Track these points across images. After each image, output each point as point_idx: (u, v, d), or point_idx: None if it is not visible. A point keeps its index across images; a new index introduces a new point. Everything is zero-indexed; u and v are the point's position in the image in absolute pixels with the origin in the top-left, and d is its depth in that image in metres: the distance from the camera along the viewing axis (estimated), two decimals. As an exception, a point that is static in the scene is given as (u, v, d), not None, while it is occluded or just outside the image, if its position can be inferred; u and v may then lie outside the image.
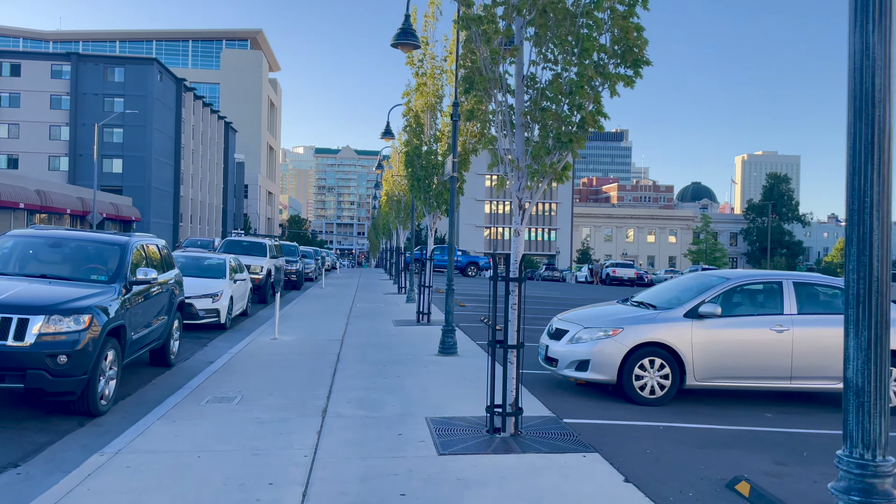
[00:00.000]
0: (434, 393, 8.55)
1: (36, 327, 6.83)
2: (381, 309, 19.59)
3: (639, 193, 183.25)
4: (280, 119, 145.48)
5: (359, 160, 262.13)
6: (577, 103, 6.29)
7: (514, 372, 6.65)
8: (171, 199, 77.08)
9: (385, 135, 21.01)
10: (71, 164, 68.49)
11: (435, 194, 15.51)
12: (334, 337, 13.46)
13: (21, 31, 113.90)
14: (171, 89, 75.09)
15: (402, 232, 27.90)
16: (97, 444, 6.44)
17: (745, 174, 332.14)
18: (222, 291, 14.81)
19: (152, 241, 10.33)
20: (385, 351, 11.87)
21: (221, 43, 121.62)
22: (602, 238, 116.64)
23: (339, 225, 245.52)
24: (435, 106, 15.47)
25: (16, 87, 68.31)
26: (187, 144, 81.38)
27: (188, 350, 12.24)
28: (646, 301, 9.16)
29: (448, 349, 11.33)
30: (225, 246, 23.28)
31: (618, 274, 50.86)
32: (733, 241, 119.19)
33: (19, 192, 41.02)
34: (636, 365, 8.19)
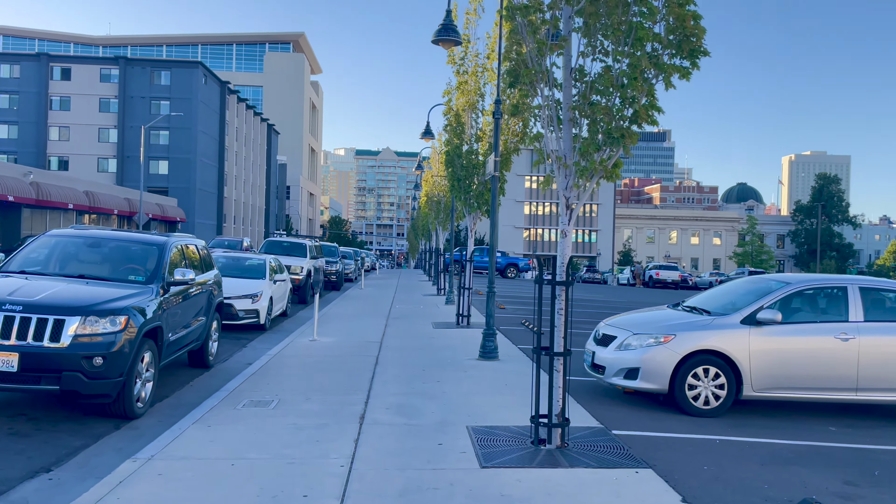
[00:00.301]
0: (475, 400, 8.24)
1: (72, 328, 6.73)
2: (420, 311, 19.37)
3: (682, 194, 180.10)
4: (321, 121, 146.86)
5: (399, 161, 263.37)
6: (630, 96, 5.92)
7: (561, 380, 6.31)
8: (216, 200, 78.30)
9: (425, 135, 20.78)
10: (119, 165, 70.07)
11: (475, 194, 15.20)
12: (373, 339, 13.26)
13: (72, 36, 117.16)
14: (215, 92, 76.28)
15: (442, 233, 27.66)
16: (131, 448, 6.30)
17: (793, 175, 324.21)
18: (262, 292, 14.74)
19: (191, 241, 10.24)
20: (424, 354, 11.60)
21: (264, 46, 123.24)
22: (644, 240, 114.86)
23: (378, 226, 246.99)
24: (476, 105, 15.17)
25: (67, 91, 70.17)
26: (231, 146, 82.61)
27: (227, 351, 12.16)
28: (699, 306, 8.71)
29: (489, 353, 11.02)
30: (265, 246, 23.34)
31: (661, 276, 49.79)
32: (780, 243, 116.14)
33: (68, 193, 41.99)
34: (689, 374, 7.76)
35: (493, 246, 11.16)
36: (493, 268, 11.28)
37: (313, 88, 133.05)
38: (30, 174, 38.97)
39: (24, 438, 6.53)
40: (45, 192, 39.06)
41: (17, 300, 6.80)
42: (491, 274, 11.31)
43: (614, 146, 6.10)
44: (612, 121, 6.06)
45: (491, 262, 11.25)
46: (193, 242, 10.30)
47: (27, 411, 7.46)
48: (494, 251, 11.18)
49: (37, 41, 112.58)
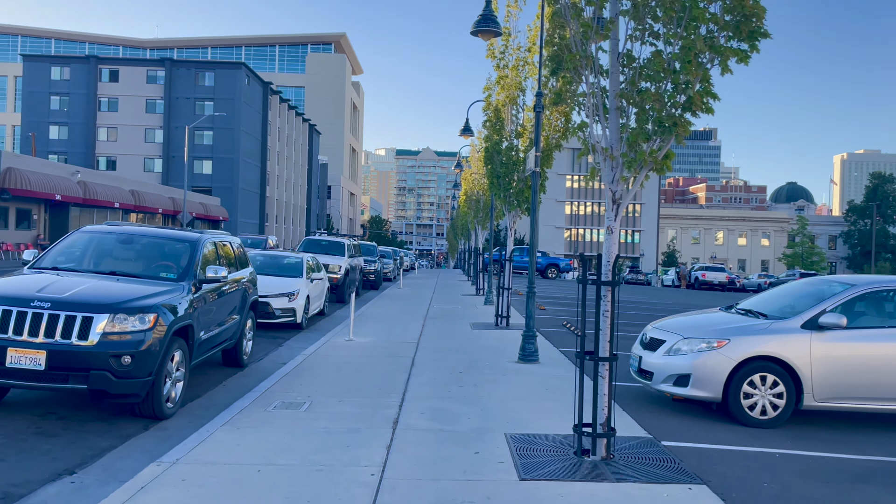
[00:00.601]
0: (514, 405, 7.86)
1: (100, 326, 6.57)
2: (459, 311, 19.03)
3: (728, 194, 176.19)
4: (362, 121, 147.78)
5: (438, 161, 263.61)
6: (683, 82, 5.47)
7: (606, 387, 5.90)
8: (258, 200, 79.29)
9: (464, 132, 20.44)
10: (164, 165, 71.44)
11: (515, 192, 14.79)
12: (410, 339, 12.97)
13: (120, 39, 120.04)
14: (257, 92, 77.22)
15: (481, 232, 27.28)
16: (158, 450, 6.10)
17: (845, 174, 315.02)
18: (299, 291, 14.58)
19: (226, 238, 10.08)
20: (462, 356, 11.26)
21: (307, 47, 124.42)
22: (689, 240, 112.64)
23: (418, 226, 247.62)
24: (516, 100, 14.76)
25: (114, 93, 71.83)
26: (273, 146, 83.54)
27: (262, 350, 12.00)
28: (754, 309, 8.17)
29: (529, 356, 10.62)
30: (304, 245, 23.29)
31: (707, 278, 48.53)
32: (832, 244, 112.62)
33: (114, 192, 42.82)
34: (745, 381, 7.25)
35: (533, 245, 10.76)
36: (533, 268, 10.88)
37: (354, 89, 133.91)
38: (77, 173, 39.84)
39: (52, 438, 6.39)
40: (92, 191, 39.87)
41: (45, 297, 6.66)
42: (531, 274, 10.91)
43: (665, 135, 5.66)
44: (664, 108, 5.63)
45: (531, 262, 10.84)
46: (228, 240, 10.14)
47: (57, 409, 7.34)
48: (535, 250, 10.78)
49: (87, 44, 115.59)
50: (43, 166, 37.58)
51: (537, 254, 39.41)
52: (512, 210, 15.03)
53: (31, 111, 71.32)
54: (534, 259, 10.79)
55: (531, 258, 10.81)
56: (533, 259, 10.79)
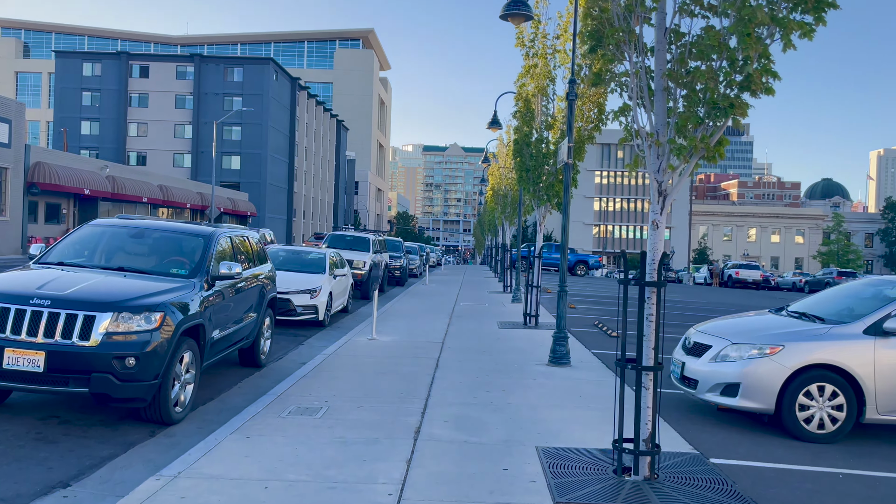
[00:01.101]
0: (545, 414, 7.29)
1: (103, 325, 6.15)
2: (485, 309, 18.47)
3: (761, 191, 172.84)
4: (390, 117, 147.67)
5: (466, 157, 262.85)
6: (742, 57, 4.86)
7: (650, 400, 5.31)
8: (286, 195, 79.46)
9: (492, 124, 19.84)
10: (193, 160, 71.86)
11: (545, 186, 14.18)
12: (434, 339, 12.45)
13: (151, 36, 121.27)
14: (286, 88, 77.31)
15: (509, 228, 26.67)
16: (162, 459, 5.67)
17: (882, 170, 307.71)
18: (321, 287, 14.15)
19: (243, 232, 9.65)
20: (488, 357, 10.71)
21: (335, 43, 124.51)
22: (721, 237, 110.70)
23: (445, 221, 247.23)
24: (546, 90, 14.14)
25: (144, 89, 72.40)
26: (301, 142, 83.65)
27: (282, 349, 11.59)
28: (809, 312, 7.49)
29: (560, 359, 10.03)
30: (329, 240, 22.91)
31: (741, 276, 47.30)
32: (868, 241, 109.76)
33: (143, 187, 42.98)
34: (801, 392, 6.59)
35: (564, 241, 10.16)
36: (564, 265, 10.28)
37: (382, 85, 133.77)
38: (106, 168, 40.03)
39: (50, 445, 5.99)
40: (121, 185, 40.04)
41: (46, 294, 6.27)
42: (562, 271, 10.31)
43: (720, 118, 5.05)
44: (717, 88, 5.02)
45: (562, 259, 10.25)
46: (245, 234, 9.71)
47: (60, 412, 6.96)
48: (566, 247, 10.18)
49: (119, 41, 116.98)
50: (72, 161, 37.79)
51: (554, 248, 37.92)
52: (542, 205, 14.43)
53: (63, 107, 72.22)
54: (565, 256, 10.20)
55: (563, 255, 10.22)
56: (564, 256, 10.20)
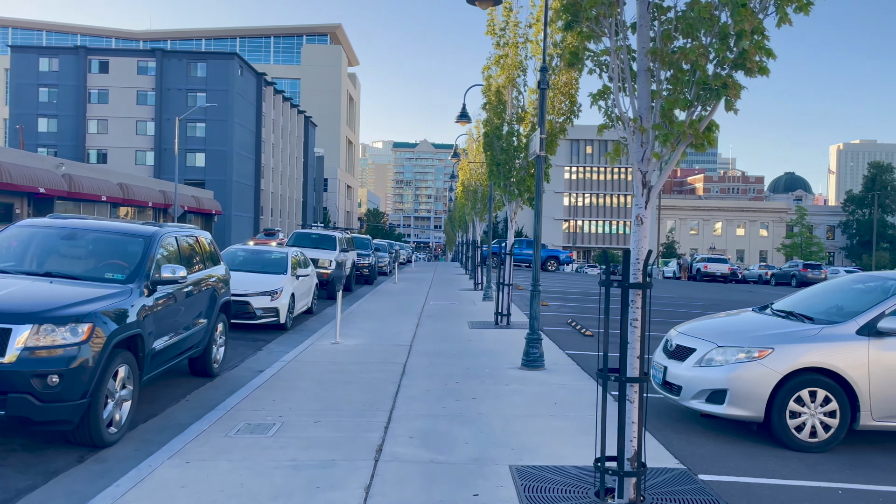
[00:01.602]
0: (519, 426, 6.74)
1: (20, 339, 5.45)
2: (456, 308, 17.91)
3: (726, 185, 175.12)
4: (359, 113, 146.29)
5: (436, 153, 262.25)
6: (736, 31, 4.34)
7: (636, 414, 4.78)
8: (252, 193, 78.03)
9: (461, 118, 19.25)
10: (156, 158, 70.13)
11: (516, 181, 13.66)
12: (402, 342, 11.85)
13: (113, 31, 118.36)
14: (251, 84, 75.85)
15: (479, 224, 26.17)
16: (88, 491, 5.01)
17: (841, 164, 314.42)
18: (282, 288, 13.44)
19: (191, 232, 8.94)
20: (459, 361, 10.15)
21: (302, 38, 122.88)
22: (688, 231, 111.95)
23: (416, 218, 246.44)
24: (517, 80, 13.60)
25: (104, 84, 70.41)
26: (268, 138, 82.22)
27: (239, 355, 10.89)
28: (796, 311, 7.04)
29: (533, 362, 9.51)
30: (293, 238, 22.14)
31: (710, 269, 47.45)
32: (830, 234, 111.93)
33: (102, 185, 41.59)
34: (791, 398, 6.14)
35: (537, 237, 9.63)
36: (538, 262, 9.75)
37: (350, 80, 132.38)
38: (62, 166, 38.60)
39: (-41, 477, 5.27)
40: (78, 184, 38.65)
41: (-46, 305, 5.53)
42: (535, 269, 9.78)
43: (710, 101, 4.53)
44: (708, 67, 4.49)
45: (536, 256, 9.72)
46: (194, 234, 9.00)
47: (-22, 437, 6.22)
48: (539, 243, 9.65)
49: (79, 36, 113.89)
50: (25, 158, 36.32)
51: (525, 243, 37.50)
52: (513, 200, 13.90)
53: (19, 103, 69.90)
54: (538, 253, 9.67)
55: (535, 251, 9.69)
56: (538, 253, 9.67)
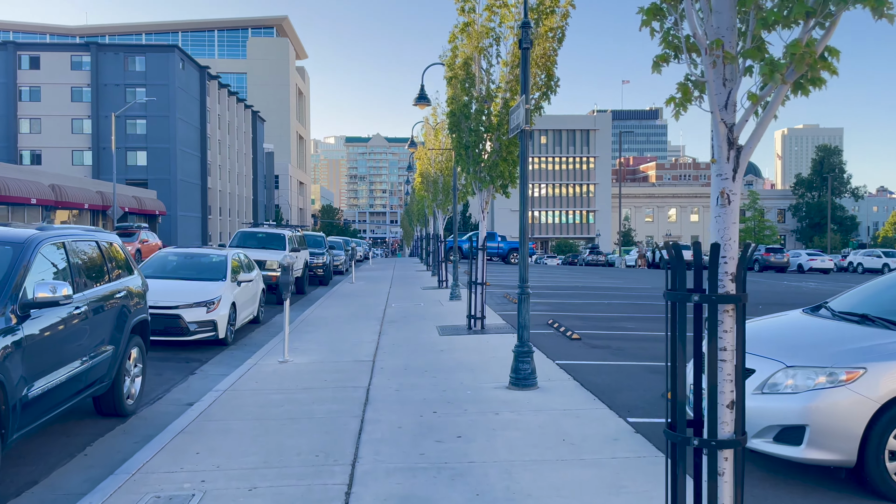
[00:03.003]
0: (527, 480, 5.07)
1: None
2: (421, 310, 16.19)
3: (678, 171, 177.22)
4: (309, 107, 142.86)
5: (389, 148, 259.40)
6: None
7: (728, 495, 3.15)
8: (199, 192, 74.77)
9: (419, 100, 17.48)
10: (94, 157, 66.43)
11: (488, 166, 11.99)
12: (363, 356, 10.09)
13: (45, 27, 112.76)
14: (194, 77, 72.51)
15: (441, 216, 24.45)
16: None
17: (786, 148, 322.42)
18: (220, 298, 11.53)
19: (90, 236, 7.04)
20: (433, 380, 8.44)
21: (247, 31, 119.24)
22: (643, 219, 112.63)
23: (371, 213, 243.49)
24: (488, 51, 11.89)
25: (36, 81, 66.34)
26: (213, 135, 78.93)
27: (166, 382, 9.00)
28: (872, 315, 5.51)
29: (524, 380, 7.86)
30: (237, 239, 20.09)
31: (673, 257, 46.59)
32: (780, 217, 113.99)
33: (30, 186, 38.55)
34: (892, 433, 4.61)
35: (524, 227, 7.97)
36: (525, 258, 8.07)
37: (299, 74, 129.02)
38: (-16, 167, 35.53)
39: None
40: (4, 186, 35.63)
41: None
42: (523, 266, 8.10)
43: (841, 5, 2.90)
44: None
45: (523, 252, 8.04)
46: (94, 237, 7.10)
47: None
48: (526, 234, 7.99)
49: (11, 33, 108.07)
50: (-58, 160, 33.25)
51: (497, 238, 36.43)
52: (484, 187, 12.23)
53: (-58, 103, 65.35)
54: (525, 248, 8.00)
55: (522, 246, 8.02)
56: (525, 248, 8.00)
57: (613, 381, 8.37)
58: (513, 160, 12.07)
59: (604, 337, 12.01)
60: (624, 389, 7.98)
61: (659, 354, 10.24)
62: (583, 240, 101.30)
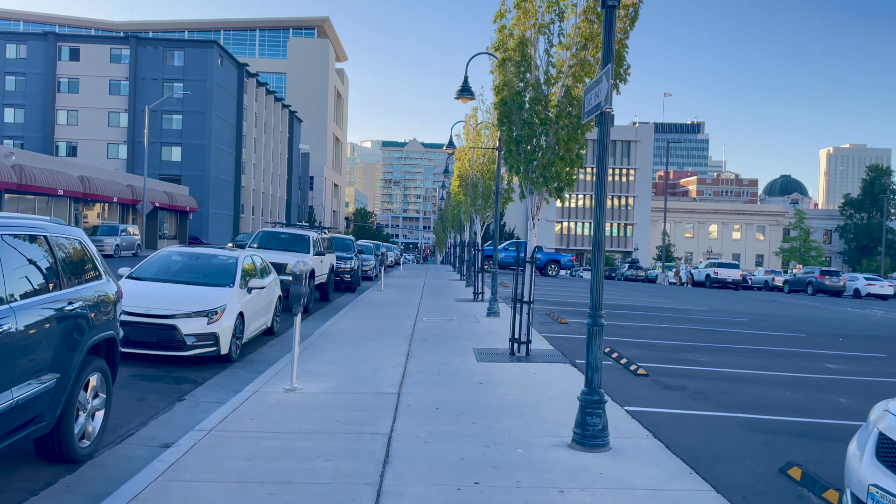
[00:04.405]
0: None
1: None
2: (455, 327, 14.41)
3: (720, 187, 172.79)
4: (346, 110, 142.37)
5: (425, 153, 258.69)
6: None
7: None
8: (232, 189, 74.17)
9: (462, 93, 15.72)
10: (129, 151, 66.19)
11: (542, 165, 10.19)
12: (386, 386, 8.35)
13: (91, 21, 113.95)
14: (232, 74, 71.99)
15: (478, 222, 22.63)
16: None
17: (832, 168, 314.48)
18: (224, 307, 9.90)
19: (37, 229, 5.42)
20: (472, 429, 6.65)
21: (288, 31, 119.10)
22: (682, 234, 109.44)
23: (405, 218, 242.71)
24: (548, 28, 10.09)
25: (75, 73, 66.40)
26: (249, 133, 78.37)
27: (146, 410, 7.37)
28: None
29: (593, 438, 6.02)
30: (259, 239, 18.55)
31: (720, 275, 44.17)
32: (826, 237, 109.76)
33: (59, 177, 37.73)
34: None
35: (598, 237, 6.14)
36: (599, 277, 6.21)
37: (338, 76, 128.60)
38: (11, 155, 34.76)
39: None
40: (30, 175, 34.80)
41: None
42: (595, 289, 6.23)
43: None
44: None
45: (597, 268, 6.18)
46: (41, 231, 5.47)
47: None
48: (602, 248, 6.16)
49: (56, 27, 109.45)
50: (-31, 146, 32.51)
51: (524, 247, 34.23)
52: (537, 190, 10.43)
53: (-16, 92, 65.70)
54: (600, 264, 6.16)
55: (597, 260, 6.18)
56: (600, 263, 6.16)
57: (706, 443, 6.49)
58: (571, 159, 10.27)
59: (675, 373, 10.09)
60: (724, 457, 6.09)
61: (752, 403, 8.31)
62: (619, 253, 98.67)
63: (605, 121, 6.09)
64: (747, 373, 10.57)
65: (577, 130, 10.13)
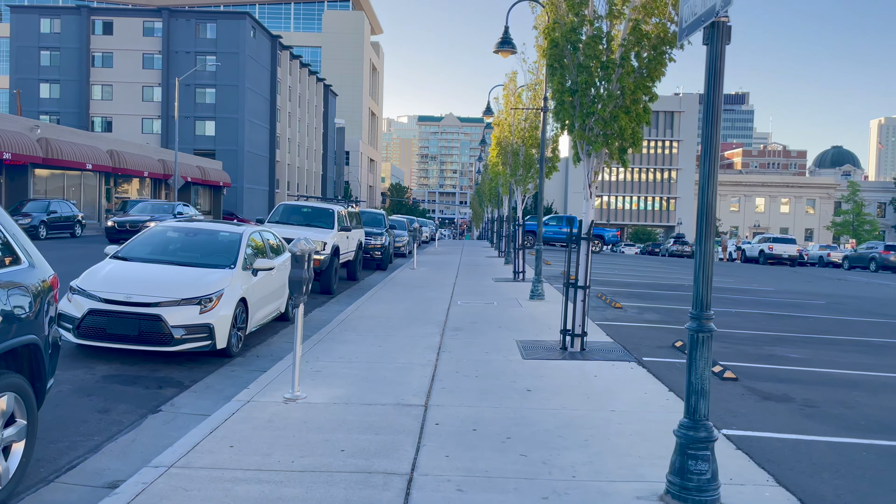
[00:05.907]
0: None
1: None
2: (494, 312, 12.65)
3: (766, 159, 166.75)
4: (382, 84, 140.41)
5: (462, 128, 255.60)
6: None
7: None
8: (267, 164, 73.21)
9: (502, 46, 13.80)
10: (163, 126, 65.49)
11: (603, 119, 8.28)
12: (410, 395, 6.64)
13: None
14: (265, 47, 70.60)
15: (519, 194, 20.71)
16: None
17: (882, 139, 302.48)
18: (221, 292, 8.29)
19: None
20: (523, 468, 4.90)
21: (323, 4, 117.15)
22: (728, 208, 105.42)
23: (441, 194, 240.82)
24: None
25: (108, 47, 65.74)
26: (283, 106, 77.12)
27: (106, 427, 5.83)
28: None
29: (699, 492, 4.21)
30: (279, 213, 16.98)
31: (776, 251, 41.46)
32: (880, 211, 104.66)
33: (86, 151, 36.79)
34: None
35: (706, 207, 4.32)
36: (709, 259, 4.39)
37: (374, 49, 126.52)
38: (37, 128, 33.84)
39: None
40: (56, 149, 33.88)
41: None
42: (702, 281, 4.40)
43: None
44: None
45: (705, 249, 4.36)
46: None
47: None
48: (712, 219, 4.32)
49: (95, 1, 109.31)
50: (-8, 119, 31.65)
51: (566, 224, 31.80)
52: (596, 150, 8.54)
53: (20, 68, 65.52)
54: (710, 243, 4.34)
55: (705, 239, 4.35)
56: (710, 242, 4.33)
57: (846, 489, 4.65)
58: (638, 112, 8.38)
59: (769, 376, 8.19)
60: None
61: (880, 418, 6.39)
62: (662, 228, 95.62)
63: (717, 35, 4.19)
64: (855, 374, 8.61)
65: (647, 77, 8.21)
